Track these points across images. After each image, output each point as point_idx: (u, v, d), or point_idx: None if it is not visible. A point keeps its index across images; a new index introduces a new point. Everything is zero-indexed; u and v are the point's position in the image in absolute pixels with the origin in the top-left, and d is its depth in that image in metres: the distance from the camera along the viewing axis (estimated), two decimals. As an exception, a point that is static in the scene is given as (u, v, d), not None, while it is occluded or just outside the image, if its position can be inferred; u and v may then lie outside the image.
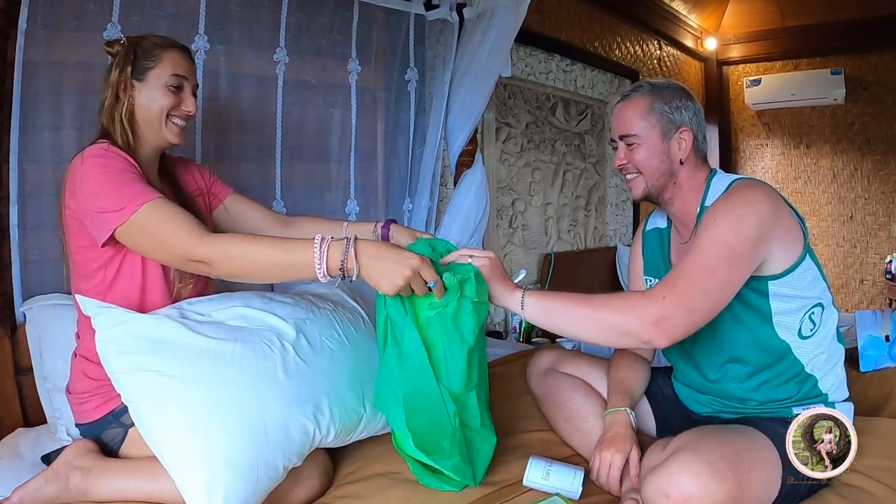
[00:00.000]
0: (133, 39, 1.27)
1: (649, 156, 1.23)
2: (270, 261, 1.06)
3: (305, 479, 1.16)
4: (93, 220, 1.13)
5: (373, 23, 2.23)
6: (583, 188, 3.60)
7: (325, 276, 1.03)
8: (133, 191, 1.11)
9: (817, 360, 1.20)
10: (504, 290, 1.14)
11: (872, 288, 4.45)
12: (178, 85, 1.26)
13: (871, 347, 1.76)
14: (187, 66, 1.29)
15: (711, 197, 1.21)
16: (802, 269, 1.15)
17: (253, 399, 1.08)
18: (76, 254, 1.22)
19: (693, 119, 1.24)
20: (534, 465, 1.18)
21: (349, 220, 2.05)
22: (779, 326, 1.17)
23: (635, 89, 1.27)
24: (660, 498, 0.97)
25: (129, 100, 1.23)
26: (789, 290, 1.15)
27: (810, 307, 1.18)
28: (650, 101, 1.23)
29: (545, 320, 1.13)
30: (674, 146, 1.23)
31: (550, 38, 3.23)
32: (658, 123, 1.23)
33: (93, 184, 1.12)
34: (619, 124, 1.27)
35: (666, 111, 1.23)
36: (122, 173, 1.14)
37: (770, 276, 1.14)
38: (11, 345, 1.46)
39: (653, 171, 1.24)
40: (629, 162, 1.26)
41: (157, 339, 1.10)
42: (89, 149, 1.17)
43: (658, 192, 1.27)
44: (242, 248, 1.07)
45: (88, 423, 1.22)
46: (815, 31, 4.27)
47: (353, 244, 1.02)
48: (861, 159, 4.45)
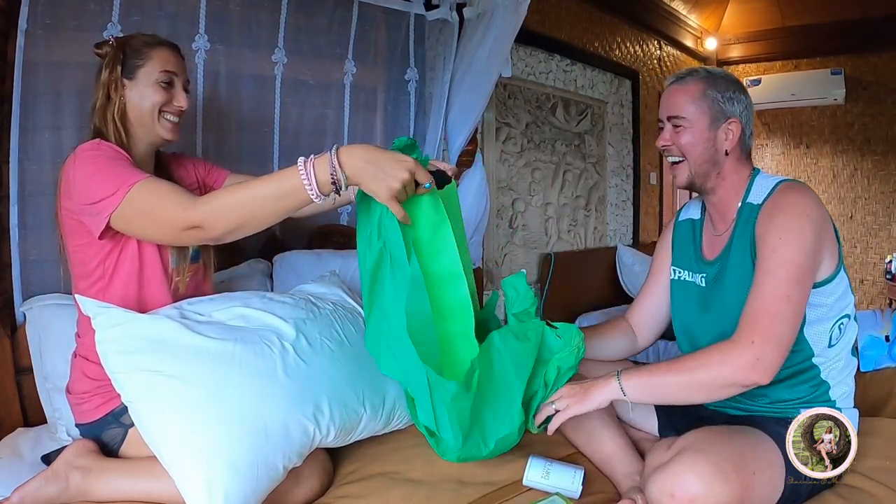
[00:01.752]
0: (122, 39, 1.27)
1: (695, 141, 1.22)
2: (261, 199, 1.04)
3: (305, 479, 1.16)
4: (89, 212, 1.13)
5: (372, 23, 2.23)
6: (583, 188, 3.60)
7: (318, 194, 1.01)
8: (124, 174, 1.11)
9: (834, 368, 1.20)
10: (602, 388, 1.14)
11: (872, 288, 4.45)
12: (169, 81, 1.27)
13: (871, 347, 1.76)
14: (176, 62, 1.29)
15: (755, 195, 1.21)
16: (839, 278, 1.16)
17: (253, 399, 1.08)
18: (74, 254, 1.22)
19: (744, 112, 1.23)
20: (533, 464, 1.18)
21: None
22: (809, 334, 1.17)
23: (691, 73, 1.26)
24: (665, 497, 0.97)
25: (120, 99, 1.24)
26: (826, 299, 1.16)
27: (840, 317, 1.18)
28: (704, 87, 1.22)
29: (649, 398, 1.16)
30: (721, 136, 1.22)
31: (550, 38, 3.22)
32: (709, 110, 1.22)
33: (85, 176, 1.13)
34: (669, 105, 1.25)
35: (718, 99, 1.22)
36: (112, 161, 1.14)
37: (814, 284, 1.13)
38: (11, 345, 1.46)
39: (697, 156, 1.23)
40: (674, 144, 1.25)
41: (156, 339, 1.10)
42: (80, 147, 1.18)
43: (702, 181, 1.25)
44: (229, 197, 1.05)
45: (88, 423, 1.22)
46: (815, 31, 4.27)
47: (335, 153, 0.99)
48: (861, 159, 4.45)
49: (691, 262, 1.35)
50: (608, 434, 1.29)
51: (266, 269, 1.89)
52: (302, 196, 1.02)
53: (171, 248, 1.27)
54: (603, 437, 1.28)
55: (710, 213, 1.33)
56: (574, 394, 1.15)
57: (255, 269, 1.86)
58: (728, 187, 1.25)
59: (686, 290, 1.35)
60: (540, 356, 1.17)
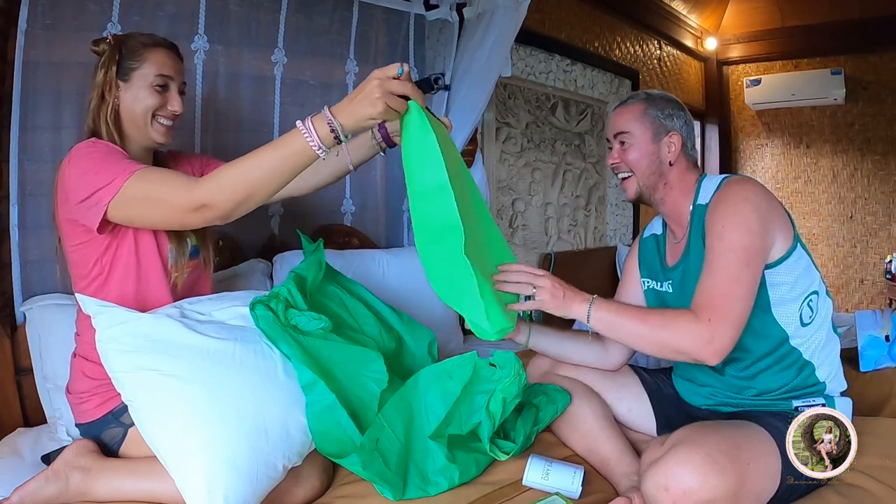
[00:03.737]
0: (119, 38, 1.25)
1: (640, 155, 1.31)
2: (267, 165, 1.05)
3: (305, 478, 1.15)
4: (86, 206, 1.12)
5: (372, 23, 2.23)
6: (583, 188, 3.60)
7: (321, 146, 1.03)
8: (120, 165, 1.11)
9: (815, 347, 1.23)
10: (576, 305, 1.22)
11: (872, 288, 4.45)
12: (164, 84, 1.25)
13: (871, 347, 1.76)
14: (173, 65, 1.27)
15: (703, 195, 1.28)
16: (796, 256, 1.20)
17: (253, 399, 1.08)
18: (72, 254, 1.22)
19: (683, 127, 1.33)
20: (533, 464, 1.18)
21: (344, 198, 2.21)
22: (778, 315, 1.21)
23: (632, 97, 1.37)
24: (659, 491, 0.97)
25: (114, 100, 1.22)
26: (785, 278, 1.20)
27: (808, 294, 1.22)
28: (644, 107, 1.33)
29: (607, 332, 1.23)
30: (664, 148, 1.31)
31: (550, 38, 3.23)
32: (651, 126, 1.32)
33: (80, 172, 1.12)
34: (615, 125, 1.36)
35: (658, 116, 1.32)
36: (107, 155, 1.14)
37: (767, 264, 1.18)
38: (11, 345, 1.46)
39: (643, 169, 1.31)
40: (622, 161, 1.33)
41: (157, 338, 1.10)
42: (75, 146, 1.17)
43: (650, 193, 1.34)
44: (233, 170, 1.06)
45: (88, 422, 1.22)
46: (815, 31, 4.27)
47: (328, 108, 1.04)
48: (861, 159, 4.45)
49: (657, 273, 1.40)
50: (606, 435, 1.29)
51: (266, 269, 1.89)
52: (307, 154, 1.04)
53: (170, 244, 1.26)
54: (600, 439, 1.29)
55: (668, 223, 1.40)
56: (555, 294, 1.23)
57: (254, 269, 1.86)
58: (676, 195, 1.32)
59: (657, 298, 1.41)
60: (473, 388, 1.19)
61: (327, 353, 1.17)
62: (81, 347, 1.25)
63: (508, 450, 1.20)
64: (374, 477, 1.09)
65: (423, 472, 1.15)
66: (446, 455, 1.15)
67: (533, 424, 1.28)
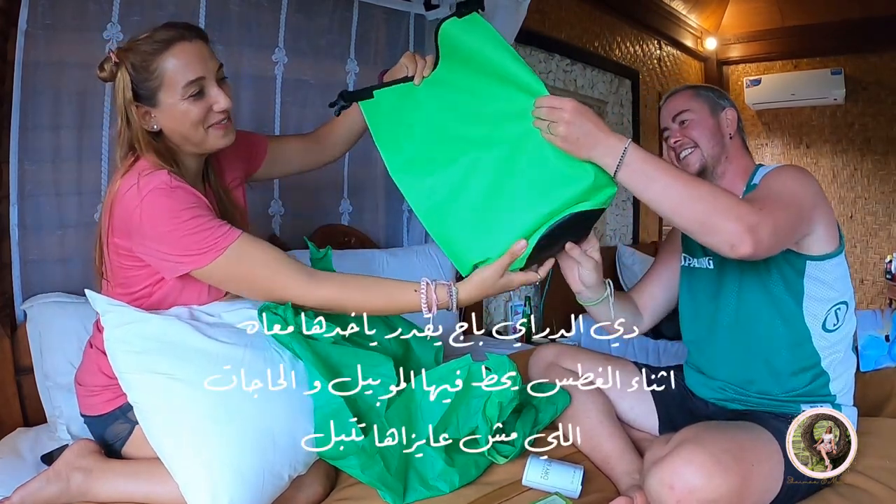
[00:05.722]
0: (122, 55, 1.09)
1: (703, 127, 1.34)
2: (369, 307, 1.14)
3: (308, 485, 1.14)
4: (160, 260, 1.08)
5: (372, 23, 2.23)
6: (583, 188, 3.59)
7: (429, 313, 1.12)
8: (212, 234, 1.07)
9: (834, 359, 1.23)
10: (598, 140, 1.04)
11: (872, 288, 4.45)
12: (199, 90, 1.11)
13: (871, 347, 1.76)
14: (197, 58, 1.10)
15: (757, 178, 1.29)
16: (838, 260, 1.22)
17: (261, 406, 1.06)
18: (117, 273, 1.15)
19: (733, 107, 1.38)
20: (532, 464, 1.18)
21: (343, 199, 2.23)
22: (806, 310, 1.22)
23: (679, 88, 1.44)
24: (664, 489, 0.97)
25: (150, 126, 1.12)
26: (825, 276, 1.20)
27: (837, 302, 1.22)
28: (695, 91, 1.40)
29: (639, 185, 1.07)
30: (723, 120, 1.36)
31: (550, 37, 3.22)
32: (706, 102, 1.37)
33: (160, 231, 1.05)
34: (671, 108, 1.39)
35: (711, 96, 1.38)
36: (193, 216, 1.06)
37: (809, 255, 1.20)
38: (12, 344, 1.46)
39: (707, 140, 1.33)
40: (684, 137, 1.35)
41: (166, 340, 1.08)
42: (145, 181, 1.05)
43: (713, 164, 1.34)
44: (346, 293, 1.14)
45: (95, 416, 1.20)
46: (815, 31, 4.27)
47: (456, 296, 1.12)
48: (861, 159, 4.45)
49: (698, 249, 1.39)
50: (608, 432, 1.29)
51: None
52: (412, 309, 1.13)
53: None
54: (602, 436, 1.29)
55: None
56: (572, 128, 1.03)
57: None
58: (733, 173, 1.34)
59: (696, 276, 1.40)
60: (468, 392, 1.20)
61: (336, 357, 1.17)
62: (100, 340, 1.17)
63: (507, 453, 1.20)
64: (374, 481, 1.09)
65: (423, 478, 1.15)
66: (444, 459, 1.15)
67: (532, 426, 1.28)
